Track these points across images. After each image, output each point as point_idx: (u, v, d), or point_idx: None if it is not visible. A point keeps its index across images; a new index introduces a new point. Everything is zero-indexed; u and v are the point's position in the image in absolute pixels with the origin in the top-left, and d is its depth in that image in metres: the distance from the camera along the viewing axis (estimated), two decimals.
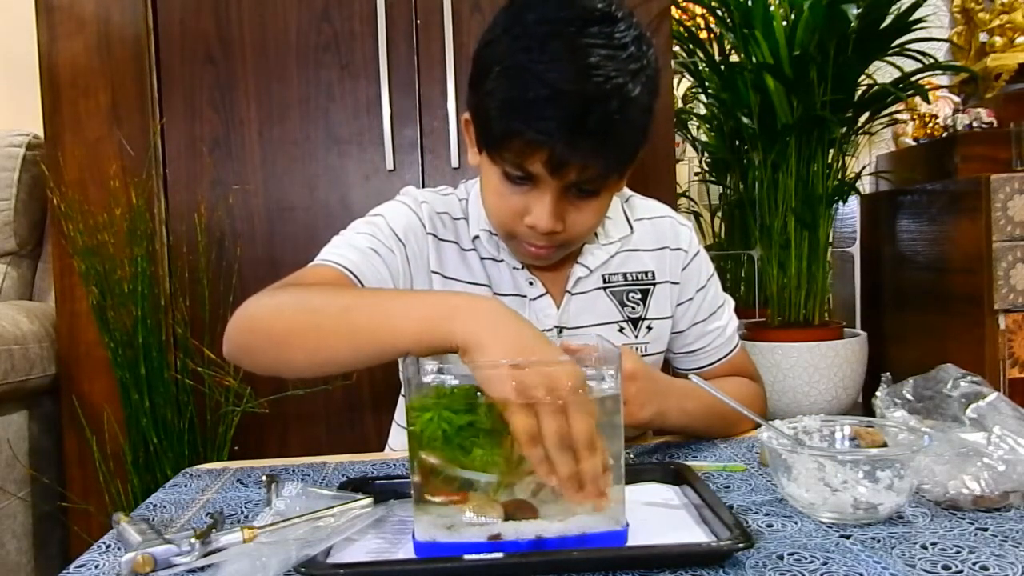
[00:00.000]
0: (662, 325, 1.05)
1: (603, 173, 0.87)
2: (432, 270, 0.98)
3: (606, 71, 0.81)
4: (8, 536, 1.50)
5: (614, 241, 1.03)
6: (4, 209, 1.82)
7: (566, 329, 1.00)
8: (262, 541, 0.63)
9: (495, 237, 0.99)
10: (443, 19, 1.53)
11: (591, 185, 0.88)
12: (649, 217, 1.08)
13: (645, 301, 1.04)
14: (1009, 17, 2.40)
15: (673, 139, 1.65)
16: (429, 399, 0.63)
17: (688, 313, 1.07)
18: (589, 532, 0.63)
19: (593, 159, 0.84)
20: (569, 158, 0.82)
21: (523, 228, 0.90)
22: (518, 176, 0.87)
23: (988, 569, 0.58)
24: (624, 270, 1.04)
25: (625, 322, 1.03)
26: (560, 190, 0.87)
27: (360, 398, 1.55)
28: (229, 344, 0.86)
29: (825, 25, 1.84)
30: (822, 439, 0.78)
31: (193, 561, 0.62)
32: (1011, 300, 1.84)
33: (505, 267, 1.00)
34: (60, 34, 1.54)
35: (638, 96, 0.84)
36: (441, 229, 1.00)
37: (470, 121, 0.93)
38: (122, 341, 1.46)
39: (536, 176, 0.86)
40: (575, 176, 0.85)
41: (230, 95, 1.55)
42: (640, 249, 1.05)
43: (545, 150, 0.82)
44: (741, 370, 1.13)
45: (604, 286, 1.03)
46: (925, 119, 2.41)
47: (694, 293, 1.07)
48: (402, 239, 0.97)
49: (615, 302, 1.02)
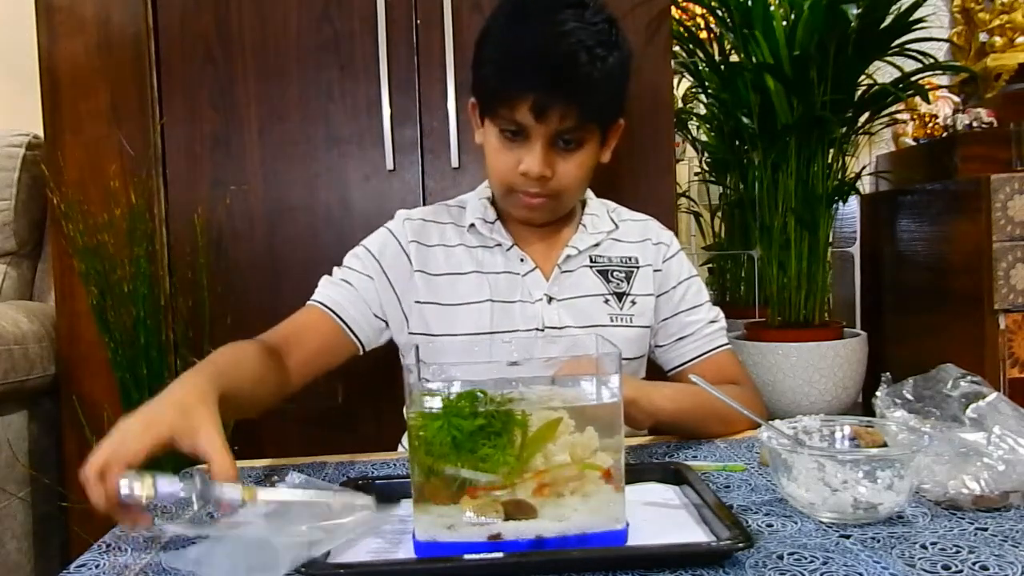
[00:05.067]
0: (646, 301, 1.14)
1: (580, 123, 1.02)
2: (415, 269, 1.12)
3: (577, 36, 0.99)
4: (8, 536, 1.50)
5: (600, 231, 1.16)
6: (4, 209, 1.82)
7: (555, 300, 1.10)
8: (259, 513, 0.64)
9: (488, 224, 1.13)
10: (443, 19, 1.53)
11: (572, 135, 1.03)
12: (634, 219, 1.21)
13: (629, 280, 1.14)
14: (1009, 17, 2.40)
15: (673, 139, 1.65)
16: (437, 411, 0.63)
17: (671, 302, 1.16)
18: (589, 532, 0.63)
19: (569, 106, 0.99)
20: (549, 104, 0.98)
21: (519, 178, 1.04)
22: (511, 131, 1.03)
23: (988, 569, 0.58)
24: (610, 254, 1.15)
25: (611, 295, 1.13)
26: (547, 140, 1.02)
27: (360, 398, 1.55)
28: None
29: (825, 25, 1.84)
30: (822, 439, 0.78)
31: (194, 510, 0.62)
32: (1011, 300, 1.84)
33: (499, 250, 1.13)
34: (60, 34, 1.54)
35: (607, 60, 1.00)
36: (425, 236, 1.15)
37: (475, 104, 1.10)
38: (122, 341, 1.46)
39: (526, 128, 1.02)
40: (557, 123, 1.00)
41: (230, 95, 1.55)
42: (625, 240, 1.17)
43: (529, 98, 0.98)
44: (729, 371, 1.15)
45: (591, 265, 1.14)
46: (925, 119, 2.41)
47: (676, 284, 1.17)
48: (377, 257, 1.13)
49: (601, 278, 1.13)
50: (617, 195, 1.28)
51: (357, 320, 1.10)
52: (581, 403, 0.67)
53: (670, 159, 1.62)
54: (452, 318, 1.09)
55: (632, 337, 1.12)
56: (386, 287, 1.11)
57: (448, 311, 1.10)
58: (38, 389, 1.58)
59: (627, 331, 1.11)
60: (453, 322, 1.09)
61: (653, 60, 1.54)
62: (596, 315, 1.11)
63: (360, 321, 1.10)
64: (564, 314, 1.10)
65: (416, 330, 1.11)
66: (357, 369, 1.54)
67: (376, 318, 1.12)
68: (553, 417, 0.63)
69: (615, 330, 1.10)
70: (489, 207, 1.15)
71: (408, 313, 1.12)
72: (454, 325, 1.09)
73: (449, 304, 1.10)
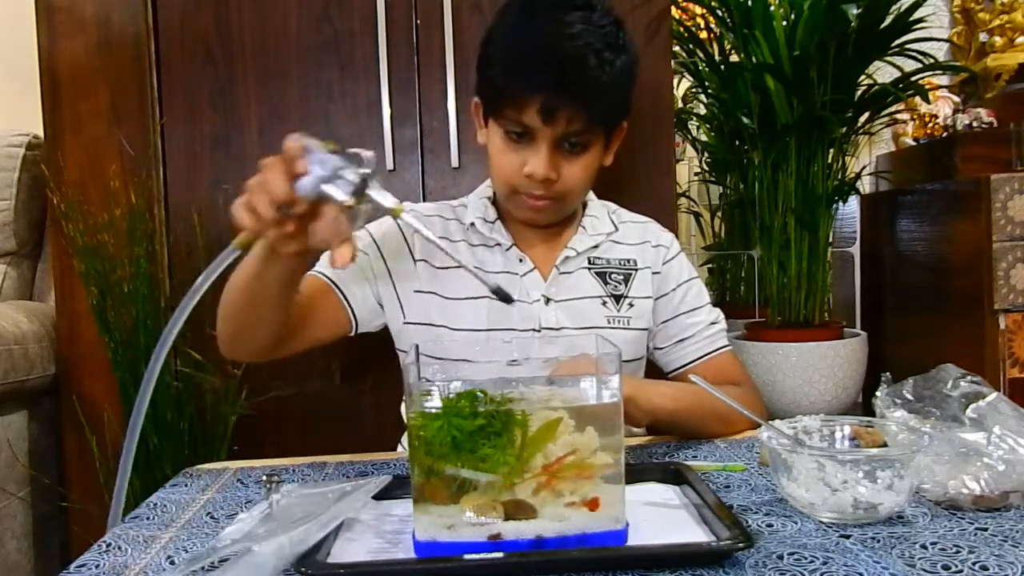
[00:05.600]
0: (643, 304, 1.14)
1: (587, 126, 1.02)
2: (418, 258, 1.12)
3: (585, 39, 0.99)
4: (8, 536, 1.50)
5: (600, 233, 1.16)
6: (4, 209, 1.82)
7: (552, 301, 1.11)
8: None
9: (488, 223, 1.13)
10: (443, 19, 1.53)
11: (578, 137, 1.03)
12: (634, 221, 1.21)
13: (627, 283, 1.14)
14: (1009, 17, 2.40)
15: (673, 139, 1.65)
16: (437, 411, 0.63)
17: (671, 304, 1.16)
18: (589, 532, 0.63)
19: (577, 109, 0.99)
20: (557, 107, 0.98)
21: (523, 180, 1.04)
22: (517, 132, 1.03)
23: (988, 569, 0.58)
24: (609, 256, 1.15)
25: (608, 297, 1.13)
26: (553, 142, 1.02)
27: (360, 398, 1.55)
28: (218, 338, 1.00)
29: (825, 25, 1.84)
30: (822, 439, 0.78)
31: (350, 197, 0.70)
32: (1011, 300, 1.84)
33: (498, 250, 1.13)
34: (60, 34, 1.54)
35: (615, 63, 1.01)
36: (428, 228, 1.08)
37: (479, 103, 1.10)
38: (122, 341, 1.46)
39: (532, 129, 1.01)
40: (564, 126, 1.00)
41: (230, 95, 1.55)
42: (624, 243, 1.17)
43: (537, 100, 0.98)
44: (729, 372, 1.15)
45: (589, 267, 1.14)
46: (925, 119, 2.41)
47: (676, 286, 1.17)
48: (378, 242, 1.12)
49: (599, 280, 1.13)
50: (617, 195, 1.28)
51: (355, 295, 1.10)
52: (581, 403, 0.67)
53: (670, 159, 1.62)
54: (451, 311, 1.10)
55: (629, 339, 1.12)
56: (383, 271, 1.11)
57: (448, 304, 1.10)
58: (38, 389, 1.58)
59: (624, 333, 1.11)
60: (451, 315, 1.10)
61: (653, 60, 1.53)
62: (593, 317, 1.11)
63: (358, 297, 1.10)
64: (561, 315, 1.10)
65: (413, 320, 1.11)
66: (357, 368, 1.54)
67: (373, 298, 1.12)
68: (553, 417, 0.63)
69: (612, 332, 1.10)
70: (489, 207, 1.15)
71: (404, 302, 1.12)
72: (452, 319, 1.09)
73: (450, 298, 1.10)
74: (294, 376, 1.51)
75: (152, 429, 1.45)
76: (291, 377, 1.51)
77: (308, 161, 0.72)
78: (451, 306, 1.10)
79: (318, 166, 0.71)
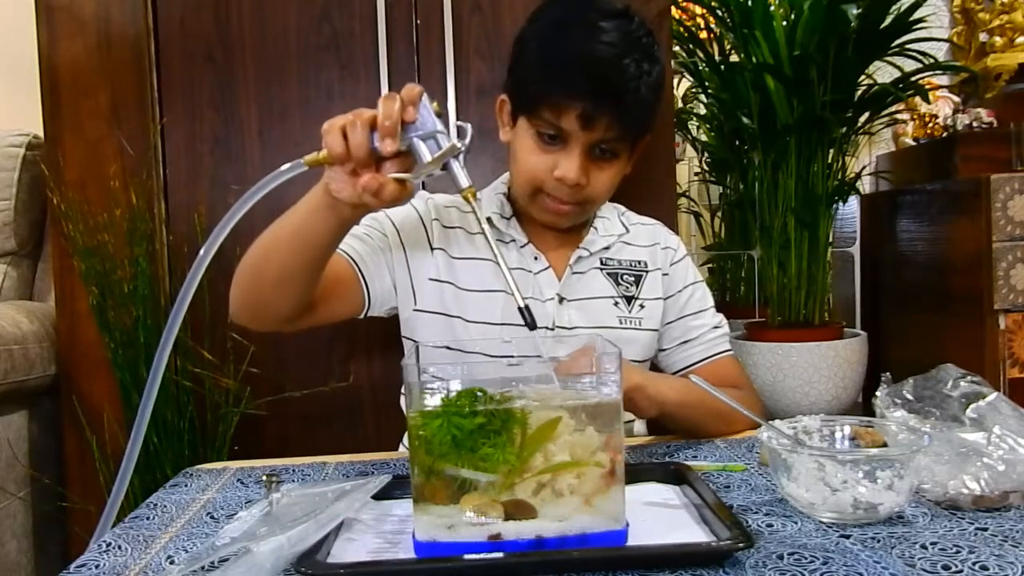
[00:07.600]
0: (654, 305, 1.15)
1: (621, 135, 1.03)
2: (435, 247, 1.12)
3: (623, 48, 1.00)
4: (8, 536, 1.50)
5: (611, 234, 1.17)
6: (4, 209, 1.82)
7: (566, 300, 1.11)
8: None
9: (504, 219, 1.13)
10: (443, 19, 1.53)
11: (610, 145, 1.04)
12: (642, 223, 1.23)
13: (638, 284, 1.15)
14: (1009, 17, 2.40)
15: (673, 139, 1.65)
16: (437, 408, 0.63)
17: (676, 305, 1.17)
18: (589, 532, 0.63)
19: (616, 117, 1.01)
20: (598, 114, 0.99)
21: (552, 182, 1.05)
22: (550, 135, 1.03)
23: (988, 569, 0.58)
24: (620, 257, 1.17)
25: (620, 298, 1.14)
26: (586, 148, 1.03)
27: (360, 398, 1.55)
28: (232, 304, 0.99)
29: (825, 25, 1.84)
30: (822, 439, 0.78)
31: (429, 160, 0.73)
32: (1011, 300, 1.84)
33: (513, 246, 1.13)
34: (60, 34, 1.53)
35: (651, 74, 1.02)
36: (447, 218, 1.15)
37: (505, 101, 1.10)
38: (122, 341, 1.46)
39: (567, 133, 1.02)
40: (601, 133, 1.01)
41: (230, 95, 1.55)
42: (634, 244, 1.19)
43: (578, 107, 0.99)
44: (731, 376, 1.16)
45: (601, 267, 1.15)
46: (925, 119, 2.41)
47: (682, 287, 1.18)
48: (397, 226, 1.12)
49: (611, 281, 1.14)
50: (617, 195, 1.27)
51: (374, 277, 1.09)
52: (581, 402, 0.67)
53: (670, 159, 1.62)
54: (465, 302, 1.10)
55: (640, 340, 1.13)
56: (401, 257, 1.11)
57: (463, 295, 1.10)
58: (38, 389, 1.58)
59: (636, 334, 1.12)
60: (465, 306, 1.09)
61: None
62: (605, 317, 1.11)
63: (376, 278, 1.09)
64: (575, 315, 1.10)
65: (425, 308, 1.11)
66: (358, 369, 1.54)
67: (389, 281, 1.11)
68: (553, 416, 0.63)
69: (624, 332, 1.10)
70: (505, 203, 1.15)
71: (417, 288, 1.11)
72: (466, 310, 1.09)
73: (465, 289, 1.10)
74: (294, 376, 1.51)
75: (152, 429, 1.45)
76: (291, 377, 1.51)
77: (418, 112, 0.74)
78: (465, 296, 1.10)
79: (421, 120, 0.73)
